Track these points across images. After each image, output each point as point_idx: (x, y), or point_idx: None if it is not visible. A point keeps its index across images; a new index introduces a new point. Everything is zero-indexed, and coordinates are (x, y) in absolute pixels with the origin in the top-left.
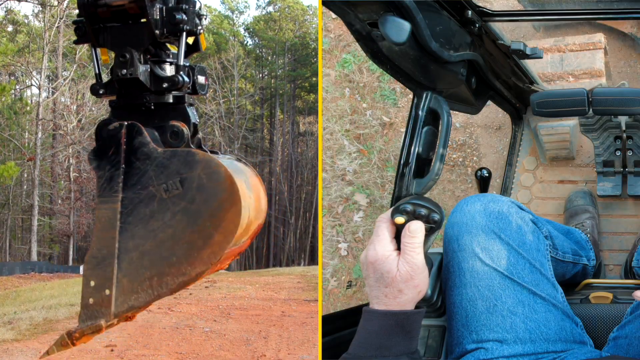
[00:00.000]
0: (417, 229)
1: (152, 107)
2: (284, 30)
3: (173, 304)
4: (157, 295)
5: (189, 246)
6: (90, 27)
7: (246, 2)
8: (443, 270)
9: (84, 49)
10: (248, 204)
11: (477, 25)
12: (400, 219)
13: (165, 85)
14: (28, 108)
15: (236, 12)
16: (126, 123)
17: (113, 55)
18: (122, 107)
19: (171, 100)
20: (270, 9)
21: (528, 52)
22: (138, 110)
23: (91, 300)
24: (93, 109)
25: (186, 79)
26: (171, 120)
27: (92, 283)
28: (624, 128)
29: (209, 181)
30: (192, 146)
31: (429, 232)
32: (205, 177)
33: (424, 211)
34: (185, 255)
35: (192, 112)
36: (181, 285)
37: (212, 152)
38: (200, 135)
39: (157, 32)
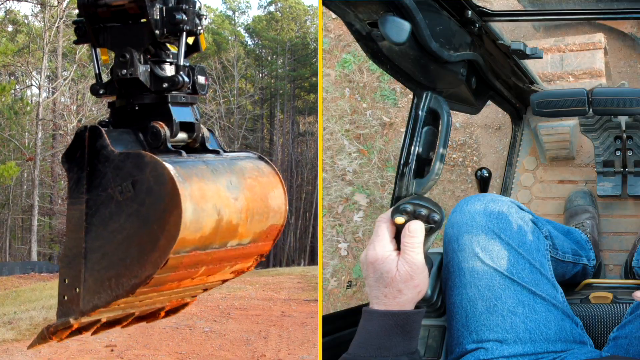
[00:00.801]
0: (417, 228)
1: (137, 109)
2: (285, 31)
3: None
4: (115, 295)
5: (140, 248)
6: (90, 27)
7: (248, 2)
8: (443, 270)
9: (83, 49)
10: (207, 207)
11: (477, 25)
12: (400, 219)
13: (165, 85)
14: (28, 108)
15: (237, 12)
16: (89, 126)
17: (113, 55)
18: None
19: (150, 101)
20: (271, 8)
21: (528, 52)
22: (125, 112)
23: (65, 297)
24: (93, 109)
25: (186, 79)
26: (153, 120)
27: (66, 281)
28: (624, 128)
29: (156, 184)
30: (169, 146)
31: (429, 232)
32: (153, 180)
33: (424, 211)
34: (137, 257)
35: (180, 111)
36: (134, 287)
37: (217, 151)
38: (204, 134)
39: (157, 32)
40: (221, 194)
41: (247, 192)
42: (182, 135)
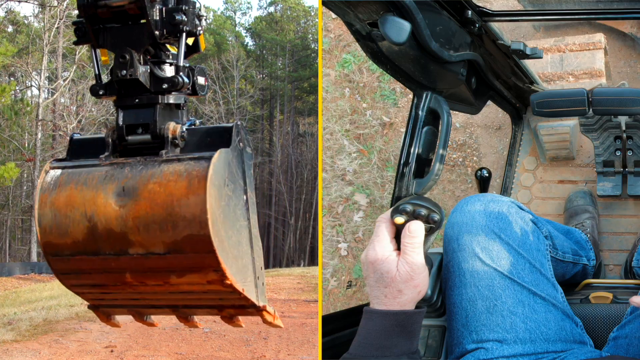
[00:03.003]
0: (417, 229)
1: None
2: (285, 31)
3: None
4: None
5: None
6: (90, 28)
7: (249, 2)
8: (443, 270)
9: (83, 49)
10: (74, 214)
11: (477, 25)
12: (400, 219)
13: (165, 85)
14: (28, 109)
15: (238, 12)
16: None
17: (113, 56)
18: None
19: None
20: (272, 9)
21: (528, 52)
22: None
23: None
24: (93, 109)
25: (186, 79)
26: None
27: None
28: (624, 128)
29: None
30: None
31: (429, 232)
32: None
33: (423, 211)
34: None
35: (131, 114)
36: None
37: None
38: (167, 133)
39: (156, 32)
40: (98, 202)
41: (142, 200)
42: (141, 137)
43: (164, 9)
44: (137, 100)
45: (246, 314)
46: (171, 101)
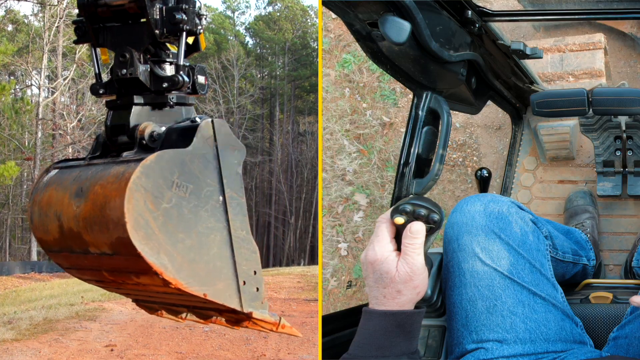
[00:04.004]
0: (418, 229)
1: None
2: (283, 31)
3: None
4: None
5: None
6: (90, 27)
7: (247, 2)
8: (443, 271)
9: (83, 48)
10: (50, 212)
11: (477, 25)
12: (399, 220)
13: (165, 85)
14: (28, 108)
15: (237, 12)
16: None
17: (113, 55)
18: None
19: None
20: (270, 9)
21: (528, 52)
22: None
23: None
24: (93, 108)
25: (186, 78)
26: None
27: None
28: (624, 128)
29: None
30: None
31: (429, 233)
32: None
33: (423, 211)
34: None
35: (116, 115)
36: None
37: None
38: (143, 134)
39: (157, 31)
40: (64, 202)
41: (89, 201)
42: (124, 138)
43: (164, 8)
44: (119, 102)
45: (241, 319)
46: (147, 100)
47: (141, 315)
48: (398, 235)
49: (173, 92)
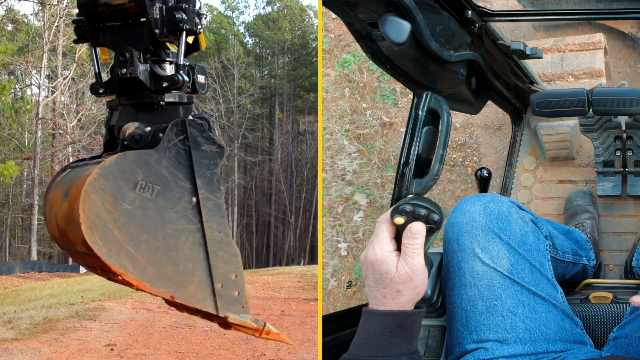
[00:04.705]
0: (418, 230)
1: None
2: (282, 30)
3: None
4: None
5: None
6: (90, 27)
7: (246, 1)
8: (443, 271)
9: (83, 48)
10: (51, 212)
11: (477, 25)
12: (399, 220)
13: (165, 84)
14: (28, 107)
15: (236, 11)
16: None
17: (113, 54)
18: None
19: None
20: (269, 9)
21: (528, 52)
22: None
23: None
24: (93, 108)
25: (186, 78)
26: None
27: None
28: (624, 128)
29: None
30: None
31: (429, 233)
32: None
33: (423, 211)
34: None
35: (112, 115)
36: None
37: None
38: (124, 136)
39: (157, 31)
40: (58, 202)
41: (68, 201)
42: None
43: (164, 7)
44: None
45: (227, 323)
46: (135, 101)
47: (141, 314)
48: (398, 235)
49: (171, 92)
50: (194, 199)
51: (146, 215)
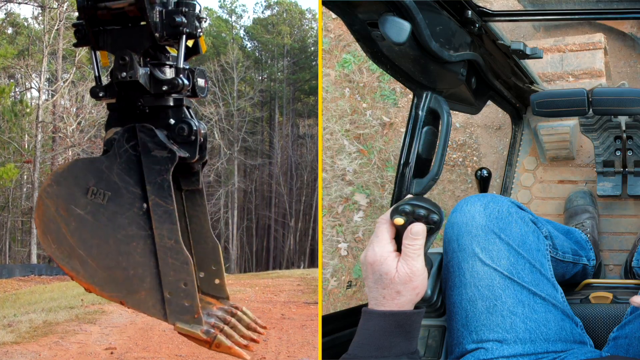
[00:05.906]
0: (419, 231)
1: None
2: (282, 35)
3: None
4: None
5: None
6: (90, 30)
7: (244, 5)
8: (443, 271)
9: (83, 51)
10: None
11: (477, 25)
12: (399, 220)
13: (165, 87)
14: (28, 110)
15: (234, 15)
16: None
17: (113, 58)
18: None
19: None
20: (267, 12)
21: (528, 52)
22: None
23: None
24: (93, 111)
25: (186, 81)
26: None
27: None
28: (624, 128)
29: None
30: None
31: (428, 233)
32: None
33: (423, 212)
34: None
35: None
36: None
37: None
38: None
39: (156, 35)
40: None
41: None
42: None
43: (164, 11)
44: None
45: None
46: (116, 107)
47: (141, 318)
48: (398, 235)
49: (171, 95)
50: (145, 205)
51: (97, 220)
